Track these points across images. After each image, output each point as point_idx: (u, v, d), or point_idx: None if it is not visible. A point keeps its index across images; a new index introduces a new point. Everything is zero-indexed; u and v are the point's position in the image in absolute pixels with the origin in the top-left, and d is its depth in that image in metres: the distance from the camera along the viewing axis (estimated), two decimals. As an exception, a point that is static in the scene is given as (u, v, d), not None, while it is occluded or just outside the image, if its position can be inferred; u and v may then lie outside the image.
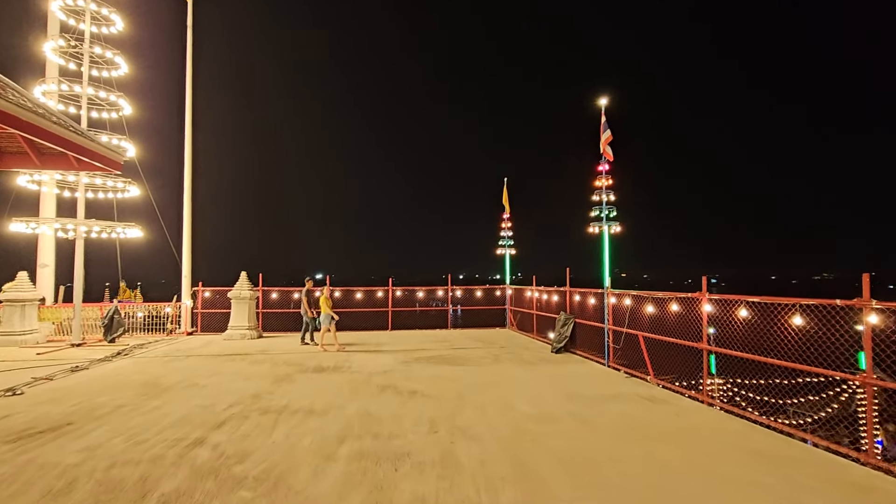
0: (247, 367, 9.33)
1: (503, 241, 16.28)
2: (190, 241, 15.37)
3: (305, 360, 10.07)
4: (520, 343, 12.72)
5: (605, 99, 9.52)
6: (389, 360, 10.07)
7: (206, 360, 10.16)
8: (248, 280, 14.24)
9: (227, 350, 11.64)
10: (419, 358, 10.38)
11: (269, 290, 15.57)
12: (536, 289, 13.72)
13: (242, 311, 13.90)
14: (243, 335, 13.63)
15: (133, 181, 13.26)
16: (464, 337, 14.10)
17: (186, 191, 15.37)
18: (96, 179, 12.65)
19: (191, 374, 8.61)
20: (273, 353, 11.09)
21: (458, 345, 12.45)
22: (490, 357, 10.46)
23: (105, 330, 12.94)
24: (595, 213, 9.40)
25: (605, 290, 9.31)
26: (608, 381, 7.97)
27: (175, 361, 10.03)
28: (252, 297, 14.04)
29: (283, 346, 12.19)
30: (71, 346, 12.14)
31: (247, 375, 8.54)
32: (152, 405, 6.51)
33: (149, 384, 7.83)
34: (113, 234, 13.17)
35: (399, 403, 6.57)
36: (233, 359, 10.37)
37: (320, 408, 6.35)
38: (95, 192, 13.23)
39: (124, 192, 13.55)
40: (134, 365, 9.61)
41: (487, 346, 12.27)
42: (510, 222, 16.30)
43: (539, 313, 13.61)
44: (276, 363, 9.79)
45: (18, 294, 12.62)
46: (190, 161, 15.42)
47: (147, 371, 8.96)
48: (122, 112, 13.65)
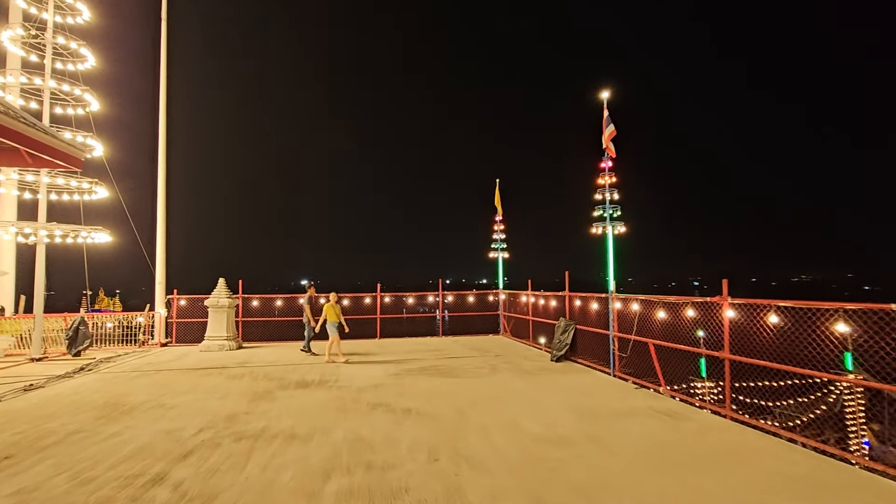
0: (223, 383, 8.52)
1: (496, 245, 15.68)
2: (164, 246, 14.45)
3: (288, 374, 9.29)
4: (516, 351, 12.09)
5: (608, 92, 9.00)
6: (379, 373, 9.34)
7: (179, 375, 9.31)
8: (226, 287, 13.38)
9: (203, 363, 10.78)
10: (411, 369, 9.68)
11: (249, 298, 14.70)
12: (532, 293, 13.13)
13: (220, 321, 13.03)
14: (221, 346, 12.76)
15: (101, 182, 12.35)
16: (456, 345, 13.43)
17: (160, 192, 14.47)
18: (59, 179, 11.70)
19: (160, 392, 7.79)
20: (253, 366, 10.27)
21: (451, 353, 11.77)
22: (487, 367, 9.81)
23: (69, 343, 11.96)
24: (598, 212, 8.86)
25: (609, 294, 8.75)
26: (618, 394, 7.38)
27: (144, 377, 9.17)
28: (231, 305, 13.18)
29: (265, 358, 11.37)
30: (30, 361, 11.15)
31: (223, 392, 7.74)
32: (110, 431, 5.71)
33: (110, 405, 6.99)
34: (79, 238, 12.21)
35: (393, 424, 5.87)
36: (209, 373, 9.53)
37: (304, 432, 5.61)
38: (60, 194, 12.26)
39: (91, 194, 12.60)
40: (97, 382, 8.73)
41: (482, 354, 11.62)
42: (503, 224, 15.73)
43: (536, 319, 13.01)
44: (257, 377, 8.99)
45: (-28, 304, 11.58)
46: (164, 161, 14.54)
47: (111, 389, 8.10)
48: (88, 108, 12.71)
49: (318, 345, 11.99)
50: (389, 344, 13.61)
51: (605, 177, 8.78)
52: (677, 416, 6.11)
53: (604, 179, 8.80)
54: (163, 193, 14.42)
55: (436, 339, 14.79)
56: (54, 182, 11.50)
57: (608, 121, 8.76)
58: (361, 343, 13.92)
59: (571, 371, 9.27)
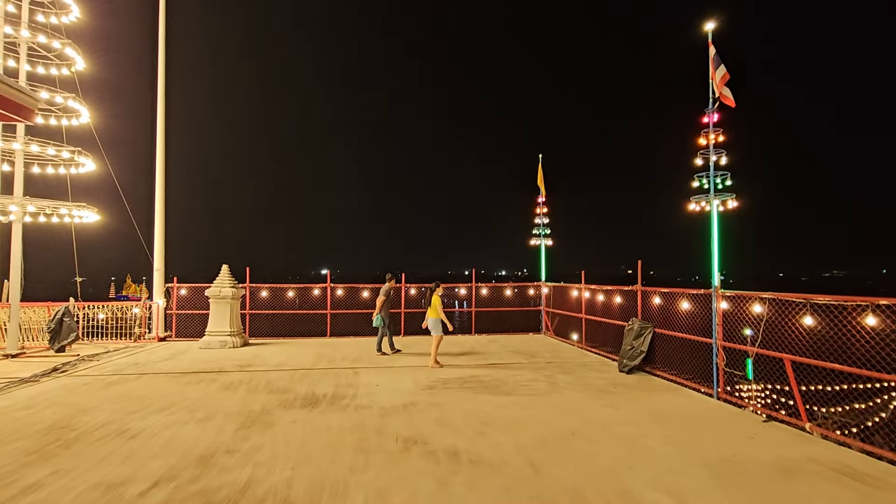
0: (212, 395, 6.74)
1: (538, 230, 13.58)
2: (163, 228, 12.82)
3: (295, 384, 7.46)
4: (569, 357, 10.06)
5: (712, 23, 6.79)
6: (408, 384, 7.44)
7: (164, 382, 7.58)
8: (229, 275, 11.65)
9: (197, 364, 9.07)
10: (448, 380, 7.75)
11: (257, 288, 12.98)
12: (587, 287, 11.03)
13: (223, 314, 11.32)
14: (224, 343, 11.06)
15: (86, 152, 10.69)
16: (495, 346, 11.46)
17: (159, 166, 12.80)
18: (33, 146, 10.05)
19: (128, 408, 6.04)
20: (255, 369, 8.50)
21: (491, 357, 9.81)
22: (542, 379, 7.82)
23: (52, 336, 10.41)
24: (700, 182, 6.70)
25: (713, 289, 6.62)
26: (745, 430, 5.29)
27: (120, 384, 7.46)
28: (235, 295, 11.45)
29: (272, 359, 9.60)
30: (4, 358, 9.63)
31: (207, 411, 5.94)
32: (26, 482, 3.92)
33: (56, 429, 5.25)
34: (64, 217, 10.61)
35: (437, 484, 3.93)
36: (199, 379, 7.78)
37: (304, 495, 3.72)
38: (43, 167, 10.65)
39: (77, 167, 10.97)
40: (60, 390, 7.05)
41: (529, 359, 9.62)
42: (546, 207, 13.60)
43: (589, 317, 10.93)
44: (255, 388, 7.19)
45: (-58, 291, 10.12)
46: (163, 130, 12.85)
47: (72, 401, 6.39)
48: (73, 67, 11.04)
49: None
50: (415, 343, 11.71)
51: (710, 135, 6.60)
52: (869, 480, 4.01)
53: (707, 138, 6.62)
54: (161, 167, 12.75)
55: (469, 338, 12.83)
56: (28, 149, 9.87)
57: (717, 60, 6.55)
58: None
59: (655, 389, 7.19)
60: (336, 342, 11.97)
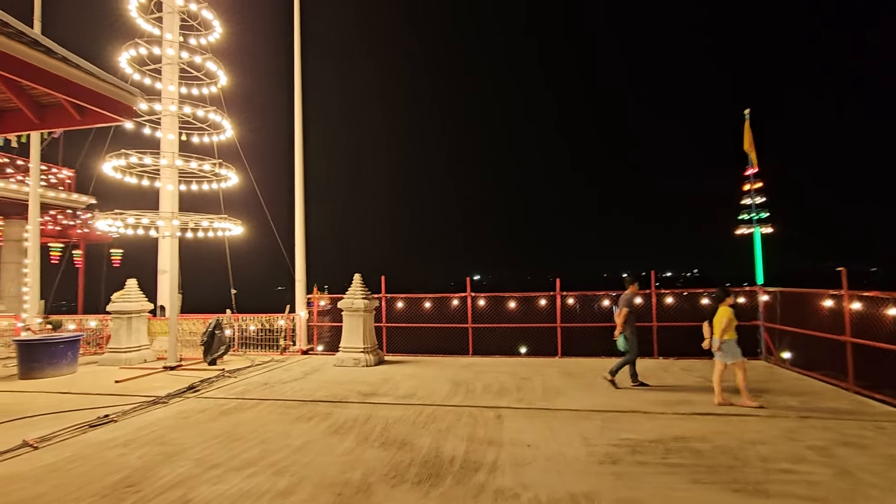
0: (315, 443, 5.22)
1: (750, 214, 9.70)
2: (303, 238, 12.48)
3: (418, 431, 5.57)
4: (831, 405, 6.33)
5: None
6: (577, 448, 4.95)
7: (275, 416, 6.42)
8: (362, 285, 10.57)
9: (323, 388, 7.92)
10: (640, 444, 5.03)
11: (393, 298, 11.78)
12: (857, 294, 7.04)
13: (356, 327, 10.25)
14: (357, 361, 9.94)
15: (229, 165, 10.70)
16: (693, 377, 8.16)
17: (298, 177, 12.52)
18: (192, 163, 10.27)
19: (215, 457, 4.81)
20: (379, 401, 6.92)
21: (697, 400, 6.67)
22: (813, 457, 4.56)
23: (205, 349, 10.52)
24: None
25: None
26: None
27: (231, 414, 6.51)
28: (368, 308, 10.30)
29: (401, 385, 8.00)
30: (164, 370, 9.89)
31: (295, 475, 4.36)
32: None
33: (122, 486, 4.16)
34: (210, 231, 10.76)
35: None
36: (314, 413, 6.45)
37: None
38: (188, 183, 10.99)
39: (223, 181, 11.12)
40: (172, 420, 6.32)
41: (760, 404, 6.24)
42: (760, 181, 9.66)
43: (862, 342, 6.93)
44: (369, 434, 5.50)
45: (125, 305, 10.95)
46: (300, 142, 12.56)
47: (169, 439, 5.48)
48: (218, 83, 11.27)
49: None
50: (578, 366, 9.02)
51: None
52: None
53: None
54: (300, 179, 12.45)
55: (650, 364, 9.58)
56: (186, 167, 10.08)
57: None
58: (535, 365, 9.62)
59: None
60: (478, 364, 9.98)
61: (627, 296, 7.69)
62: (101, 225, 9.88)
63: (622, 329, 7.56)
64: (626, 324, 7.53)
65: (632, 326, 7.59)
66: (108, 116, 5.72)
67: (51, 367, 9.37)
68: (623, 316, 7.51)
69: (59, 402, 7.33)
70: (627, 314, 7.51)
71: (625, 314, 7.50)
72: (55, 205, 21.84)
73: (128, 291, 11.26)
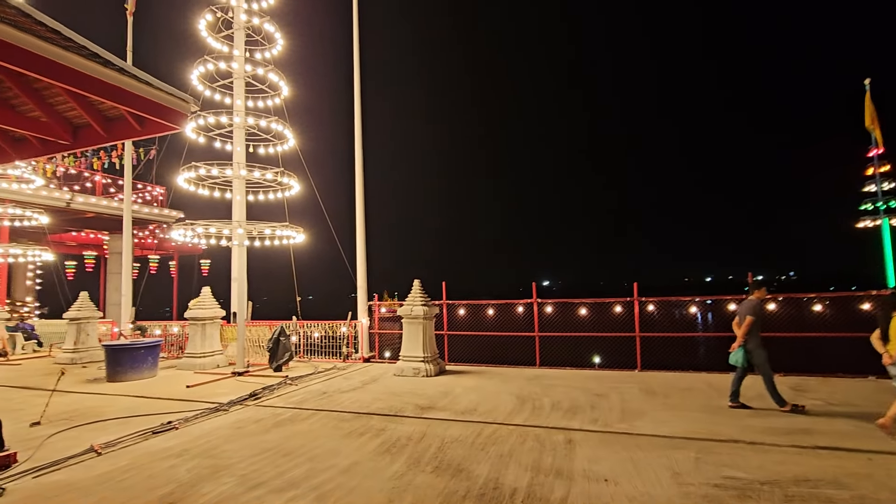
0: (363, 464, 4.80)
1: (873, 203, 8.08)
2: (364, 245, 12.40)
3: (475, 455, 4.97)
4: None
5: None
6: (667, 487, 4.10)
7: (328, 429, 6.13)
8: (421, 291, 10.18)
9: (380, 398, 7.57)
10: (748, 484, 4.07)
11: (454, 304, 11.29)
12: None
13: (415, 335, 9.87)
14: (417, 370, 9.54)
15: (290, 174, 10.84)
16: (807, 398, 6.79)
17: (358, 184, 12.48)
18: (255, 172, 10.54)
19: (260, 474, 4.55)
20: (436, 416, 6.41)
21: (818, 430, 5.45)
22: None
23: (270, 355, 10.66)
24: None
25: None
26: None
27: (285, 426, 6.31)
28: (428, 315, 9.89)
29: (462, 399, 7.44)
30: (232, 376, 10.12)
31: (340, 499, 3.94)
32: None
33: (163, 503, 3.99)
34: (276, 239, 10.96)
35: None
36: (367, 427, 6.08)
37: None
38: (255, 194, 11.28)
39: (286, 190, 11.31)
40: (228, 430, 6.23)
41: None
42: (887, 164, 8.01)
43: None
44: (422, 455, 4.99)
45: (199, 312, 11.44)
46: (360, 147, 12.53)
47: (219, 451, 5.33)
48: (281, 95, 11.52)
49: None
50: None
51: None
52: None
53: None
54: (360, 186, 12.40)
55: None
56: (250, 175, 10.35)
57: None
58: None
59: None
60: (546, 376, 9.16)
61: (753, 302, 6.63)
62: (174, 235, 10.37)
63: (743, 340, 6.52)
64: (750, 335, 6.49)
65: (757, 338, 6.51)
66: (164, 125, 5.79)
67: (133, 370, 9.91)
68: (748, 325, 6.47)
69: (134, 406, 7.61)
70: (752, 323, 6.45)
71: (749, 323, 6.46)
72: (150, 220, 23.88)
73: (202, 299, 11.76)
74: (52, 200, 18.43)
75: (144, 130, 5.98)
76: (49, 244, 18.19)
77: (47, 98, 5.94)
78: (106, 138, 6.17)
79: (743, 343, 6.52)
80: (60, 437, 6.02)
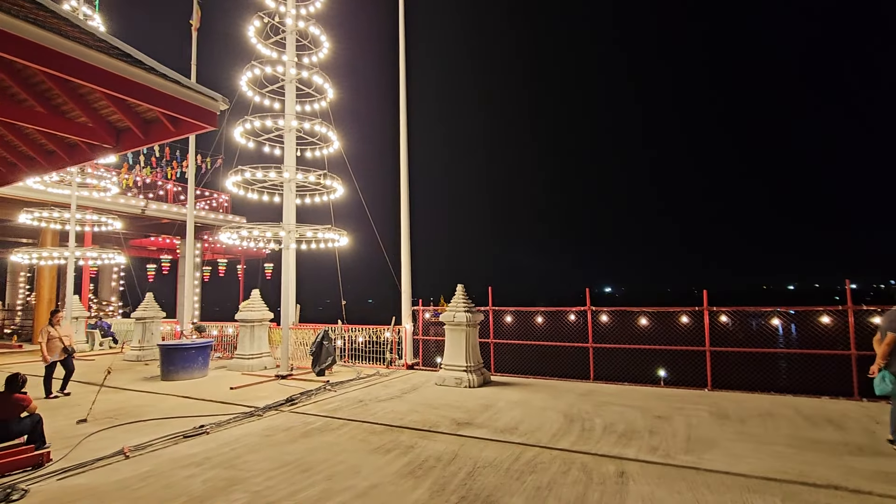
0: (382, 488, 4.34)
1: None
2: (409, 248, 12.08)
3: (510, 486, 4.35)
4: None
5: None
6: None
7: (356, 442, 5.75)
8: (465, 296, 9.66)
9: (416, 410, 7.12)
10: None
11: (501, 311, 10.65)
12: None
13: (458, 343, 9.35)
14: (459, 380, 9.01)
15: (334, 176, 10.75)
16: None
17: (403, 186, 12.20)
18: (298, 175, 10.55)
19: (274, 491, 4.22)
20: (472, 434, 5.85)
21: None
22: None
23: (313, 359, 10.58)
24: None
25: None
26: None
27: (312, 436, 6.01)
28: (471, 321, 9.34)
29: (503, 415, 6.81)
30: (276, 378, 10.12)
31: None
32: None
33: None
34: (329, 242, 10.90)
35: None
36: (396, 443, 5.64)
37: None
38: (302, 197, 11.30)
39: (333, 193, 11.24)
40: (254, 438, 6.03)
41: None
42: None
43: None
44: (448, 482, 4.45)
45: (248, 314, 11.62)
46: (406, 149, 12.26)
47: (240, 462, 5.09)
48: (327, 98, 11.51)
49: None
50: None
51: None
52: None
53: None
54: (406, 188, 12.10)
55: (847, 407, 6.88)
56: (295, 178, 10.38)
57: None
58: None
59: None
60: (600, 392, 8.30)
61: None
62: (222, 238, 10.58)
63: (885, 361, 5.25)
64: (893, 356, 5.21)
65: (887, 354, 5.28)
66: (196, 125, 5.73)
67: (184, 370, 10.18)
68: (890, 343, 5.18)
69: (177, 407, 7.69)
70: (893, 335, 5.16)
71: (890, 341, 5.15)
72: (216, 225, 25.19)
73: (252, 301, 11.95)
74: (129, 207, 19.89)
75: (178, 131, 5.96)
76: (124, 248, 19.64)
77: (91, 103, 6.09)
78: (144, 140, 6.23)
79: (885, 365, 5.26)
80: (99, 436, 6.10)
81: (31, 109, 6.20)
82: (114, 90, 5.08)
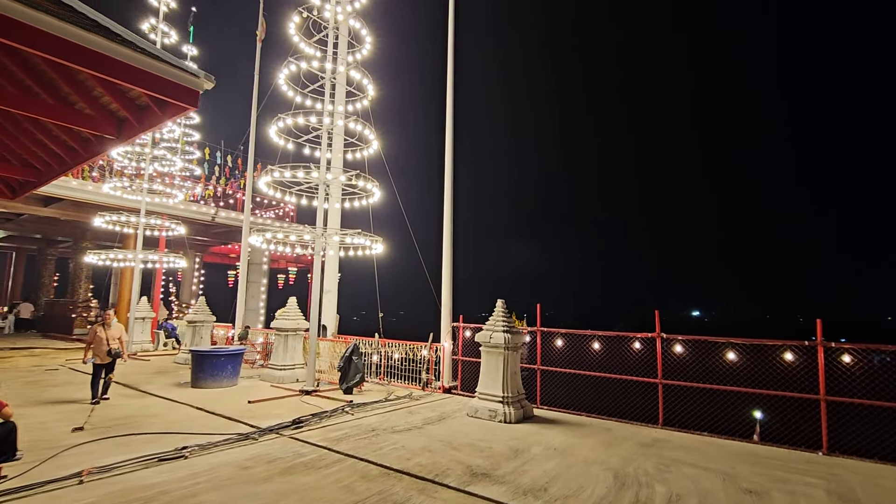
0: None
1: None
2: (451, 258, 10.96)
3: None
4: None
5: None
6: None
7: (337, 489, 4.66)
8: (504, 313, 8.30)
9: (431, 448, 5.90)
10: None
11: (550, 333, 9.12)
12: None
13: (495, 368, 8.00)
14: (493, 413, 7.65)
15: (369, 178, 9.96)
16: None
17: (447, 194, 11.13)
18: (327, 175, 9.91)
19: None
20: (488, 492, 4.51)
21: None
22: None
23: (341, 375, 9.76)
24: None
25: None
26: None
27: (294, 475, 5.01)
28: (510, 343, 7.96)
29: (536, 466, 5.38)
30: (299, 394, 9.40)
31: None
32: None
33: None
34: (366, 250, 10.15)
35: None
36: (387, 496, 4.47)
37: None
38: (342, 201, 10.65)
39: (371, 196, 10.47)
40: (233, 469, 5.15)
41: None
42: None
43: None
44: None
45: (283, 323, 11.12)
46: (451, 152, 11.23)
47: (205, 499, 4.21)
48: (368, 96, 10.85)
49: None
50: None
51: None
52: None
53: None
54: (449, 195, 11.02)
55: None
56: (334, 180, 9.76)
57: None
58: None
59: None
60: (669, 442, 6.52)
61: None
62: (252, 241, 10.17)
63: None
64: None
65: None
66: (179, 106, 5.14)
67: (212, 378, 9.80)
68: None
69: (182, 420, 7.14)
70: None
71: None
72: (282, 233, 25.87)
73: (287, 310, 11.47)
74: (200, 215, 20.87)
75: (165, 114, 5.41)
76: (203, 254, 20.53)
77: (89, 90, 5.75)
78: (139, 129, 5.79)
79: None
80: (79, 450, 5.59)
81: (44, 102, 6.00)
82: (92, 68, 4.56)
